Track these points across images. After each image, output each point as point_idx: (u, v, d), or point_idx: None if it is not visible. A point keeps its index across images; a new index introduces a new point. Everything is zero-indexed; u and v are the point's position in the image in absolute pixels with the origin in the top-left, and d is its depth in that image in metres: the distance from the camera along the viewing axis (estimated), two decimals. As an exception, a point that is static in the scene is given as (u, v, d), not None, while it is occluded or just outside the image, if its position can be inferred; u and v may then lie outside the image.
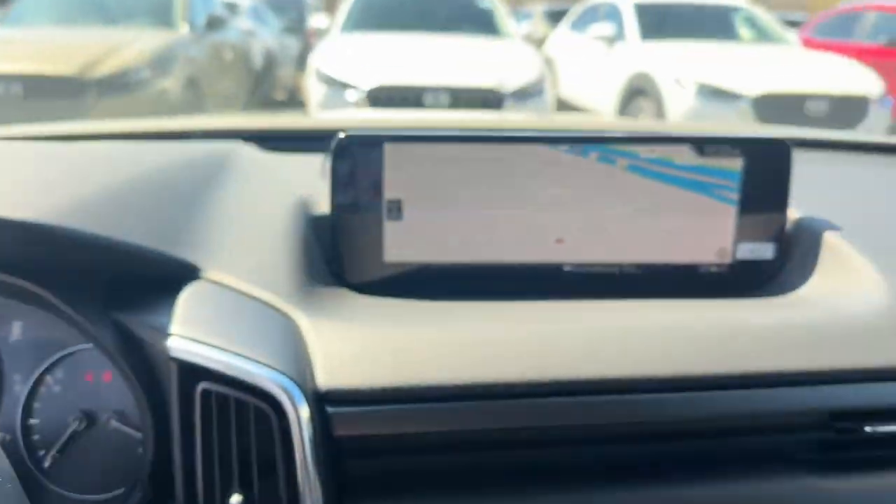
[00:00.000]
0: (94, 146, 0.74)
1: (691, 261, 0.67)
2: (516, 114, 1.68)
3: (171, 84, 4.24)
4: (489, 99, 4.78)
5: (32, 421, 0.56)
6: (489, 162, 0.65)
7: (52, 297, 0.48)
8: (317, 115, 4.66)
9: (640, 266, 0.67)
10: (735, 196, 0.66)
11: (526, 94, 4.85)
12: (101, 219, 0.52)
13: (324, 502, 0.44)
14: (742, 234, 0.66)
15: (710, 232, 0.67)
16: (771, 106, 4.98)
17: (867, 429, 0.51)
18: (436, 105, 4.69)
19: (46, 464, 0.55)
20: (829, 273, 0.62)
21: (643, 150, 0.65)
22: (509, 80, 4.84)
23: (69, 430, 0.54)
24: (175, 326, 0.47)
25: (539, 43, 7.42)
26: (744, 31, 6.35)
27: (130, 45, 4.14)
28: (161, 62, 4.20)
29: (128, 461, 0.53)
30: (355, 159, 0.63)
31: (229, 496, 0.44)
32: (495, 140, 0.64)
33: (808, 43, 7.02)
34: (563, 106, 6.48)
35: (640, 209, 0.66)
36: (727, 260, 0.67)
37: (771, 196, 0.66)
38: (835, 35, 7.16)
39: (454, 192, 0.65)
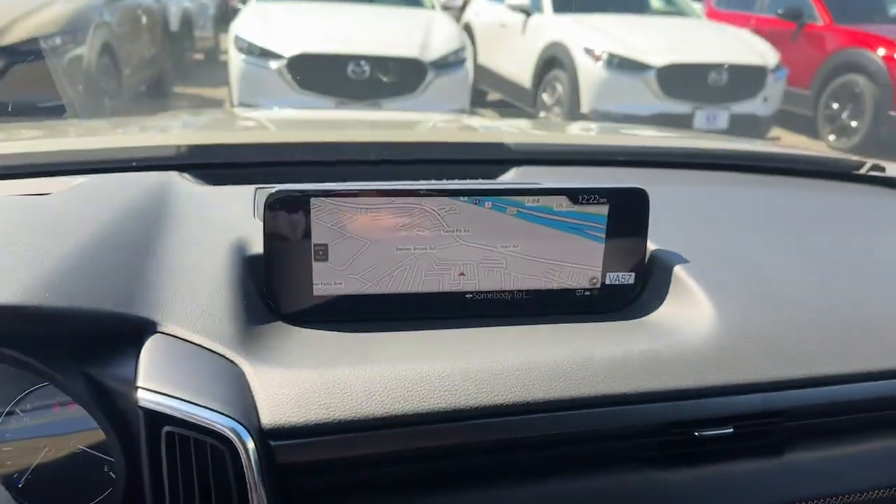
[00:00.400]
0: (30, 201, 0.80)
1: (569, 286, 0.82)
2: (443, 121, 1.77)
3: (85, 51, 4.11)
4: (410, 68, 4.84)
5: (5, 448, 0.65)
6: (401, 209, 0.77)
7: (28, 360, 0.58)
8: (241, 106, 4.59)
9: (527, 292, 0.81)
10: (602, 235, 0.81)
11: (447, 64, 4.94)
12: (61, 291, 0.61)
13: None
14: (608, 266, 0.81)
15: (583, 264, 0.81)
16: (675, 76, 5.23)
17: (696, 433, 0.68)
18: (358, 74, 4.71)
19: (20, 485, 0.65)
20: (675, 301, 0.78)
21: (528, 200, 0.79)
22: (430, 50, 4.90)
23: (41, 455, 0.64)
24: (141, 380, 0.57)
25: (459, 11, 7.47)
26: (655, 3, 6.58)
27: (41, 10, 3.98)
28: (74, 28, 4.05)
29: (98, 482, 0.63)
30: (286, 212, 0.74)
31: (195, 514, 0.56)
32: (408, 193, 0.76)
33: (712, 14, 7.34)
34: (482, 72, 6.58)
35: (526, 247, 0.80)
36: (597, 286, 0.82)
37: (631, 234, 0.81)
38: (735, 7, 7.48)
39: (372, 234, 0.77)
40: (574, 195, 0.79)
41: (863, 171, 1.24)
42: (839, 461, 0.73)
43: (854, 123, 5.98)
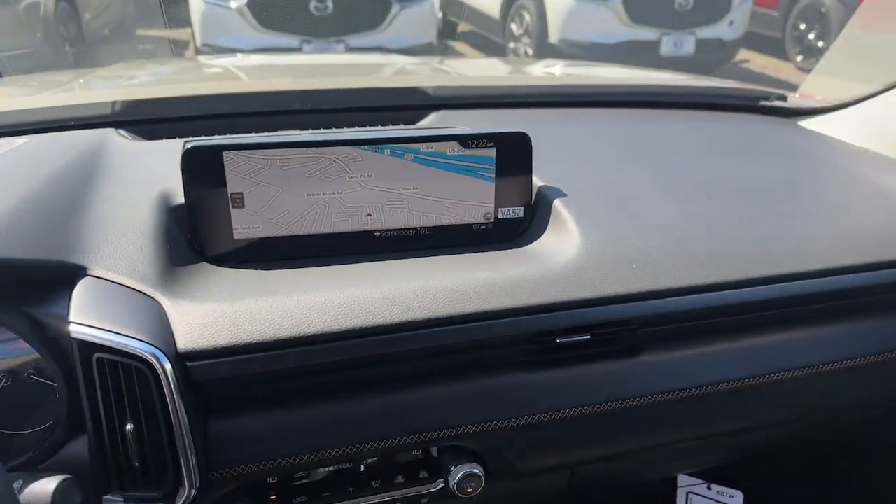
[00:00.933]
0: None
1: (466, 222, 0.91)
2: (406, 63, 1.82)
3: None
4: (374, 2, 4.79)
5: None
6: (309, 159, 0.85)
7: None
8: (204, 47, 4.53)
9: (429, 228, 0.91)
10: (493, 175, 0.90)
11: (413, -5, 4.88)
12: (5, 239, 0.70)
13: (189, 424, 0.67)
14: (500, 202, 0.91)
15: (478, 201, 0.91)
16: (641, 2, 5.21)
17: (558, 340, 0.79)
18: (321, 11, 4.67)
19: None
20: (554, 230, 0.88)
21: (423, 146, 0.88)
22: (393, -17, 4.85)
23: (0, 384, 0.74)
24: (72, 315, 0.67)
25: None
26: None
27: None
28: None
29: (48, 404, 0.74)
30: (202, 163, 0.82)
31: (125, 425, 0.67)
32: (313, 144, 0.85)
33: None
34: (452, 3, 6.50)
35: (425, 188, 0.89)
36: (491, 220, 0.92)
37: (518, 172, 0.90)
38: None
39: (284, 182, 0.85)
40: (464, 140, 0.88)
41: (767, 102, 1.32)
42: (685, 361, 0.85)
43: (821, 44, 6.00)
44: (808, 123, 1.28)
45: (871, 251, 0.89)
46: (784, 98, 1.34)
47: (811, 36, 6.10)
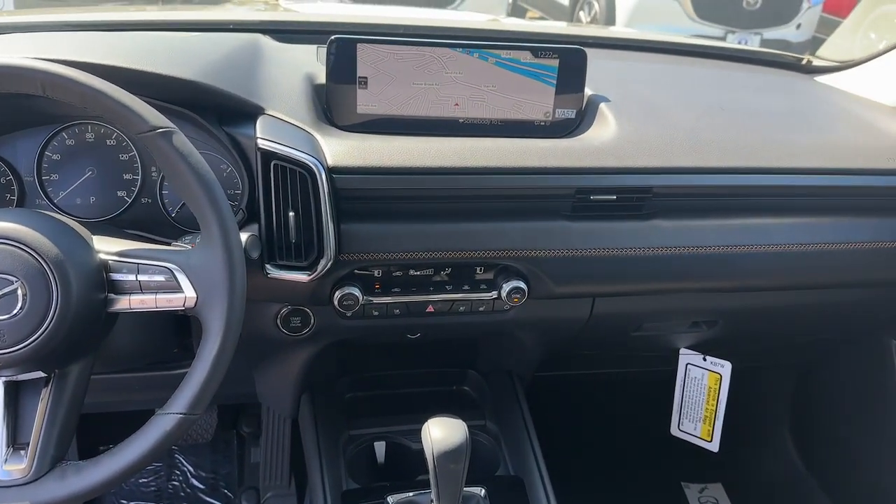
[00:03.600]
0: (181, 35, 1.21)
1: (529, 118, 1.20)
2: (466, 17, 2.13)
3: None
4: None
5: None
6: (418, 55, 1.15)
7: (197, 118, 1.00)
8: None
9: (501, 120, 1.20)
10: (554, 82, 1.18)
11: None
12: (214, 78, 1.02)
13: (331, 217, 0.98)
14: (558, 104, 1.19)
15: (540, 102, 1.20)
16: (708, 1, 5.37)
17: (592, 197, 1.08)
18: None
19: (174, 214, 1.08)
20: (598, 126, 1.16)
21: (503, 53, 1.17)
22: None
23: None
24: (259, 134, 0.99)
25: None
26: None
27: None
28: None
29: (234, 194, 1.05)
30: (341, 50, 1.12)
31: (288, 213, 0.98)
32: (420, 44, 1.15)
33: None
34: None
35: (501, 87, 1.18)
36: (549, 118, 1.20)
37: (574, 81, 1.18)
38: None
39: (398, 71, 1.15)
40: (535, 51, 1.17)
41: (788, 61, 1.58)
42: (691, 228, 1.12)
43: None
44: (821, 79, 1.53)
45: (846, 160, 1.16)
46: (810, 62, 1.59)
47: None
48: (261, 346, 1.18)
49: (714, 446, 1.46)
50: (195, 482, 1.92)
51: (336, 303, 1.05)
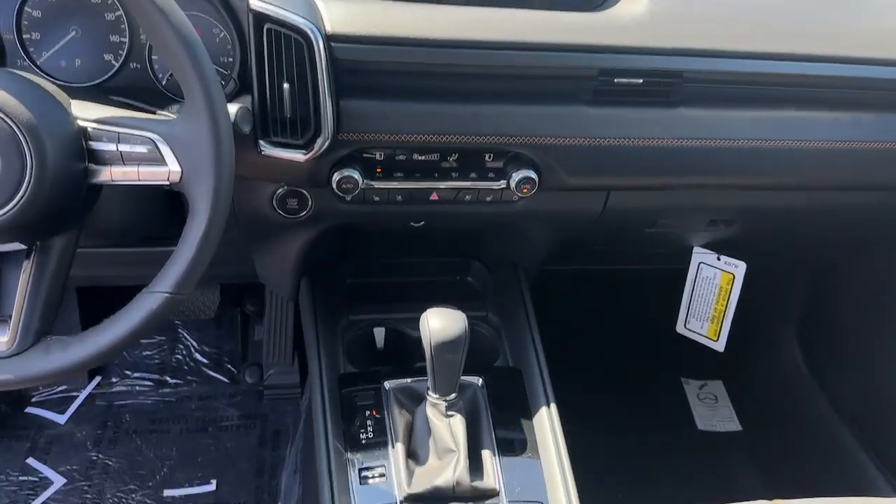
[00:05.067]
0: None
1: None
2: None
3: None
4: None
5: None
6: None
7: None
8: None
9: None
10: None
11: None
12: None
13: (329, 91, 0.90)
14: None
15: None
16: None
17: (615, 80, 0.99)
18: None
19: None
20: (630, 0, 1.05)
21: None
22: None
23: None
24: None
25: None
26: None
27: None
28: None
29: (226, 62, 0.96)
30: None
31: (283, 85, 0.90)
32: None
33: None
34: None
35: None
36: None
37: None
38: None
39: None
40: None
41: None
42: (717, 119, 1.04)
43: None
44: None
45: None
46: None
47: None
48: (257, 227, 1.14)
49: (720, 346, 1.44)
50: (199, 357, 1.94)
51: (334, 185, 0.99)
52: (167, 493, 1.62)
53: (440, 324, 0.93)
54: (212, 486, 1.65)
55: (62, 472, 1.64)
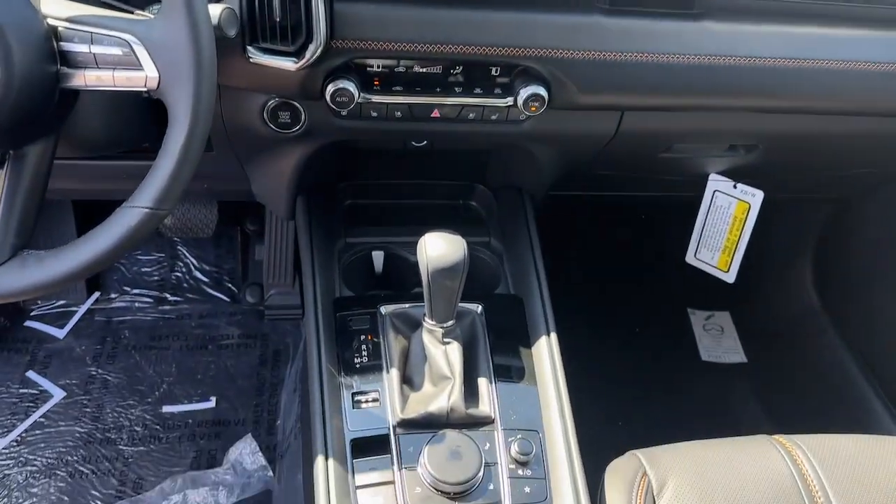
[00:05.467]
0: None
1: None
2: None
3: None
4: None
5: None
6: None
7: None
8: None
9: None
10: None
11: None
12: None
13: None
14: None
15: None
16: None
17: None
18: None
19: None
20: None
21: None
22: None
23: None
24: None
25: None
26: None
27: None
28: None
29: None
30: None
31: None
32: None
33: None
34: None
35: None
36: None
37: None
38: None
39: None
40: None
41: None
42: (743, 34, 0.96)
43: None
44: None
45: None
46: None
47: None
48: (249, 142, 1.08)
49: (730, 277, 1.39)
50: (199, 275, 1.92)
51: (328, 98, 0.93)
52: (166, 409, 1.62)
53: (438, 249, 0.89)
54: (211, 403, 1.65)
55: (61, 385, 1.64)
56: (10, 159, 0.79)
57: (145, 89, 0.75)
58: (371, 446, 0.92)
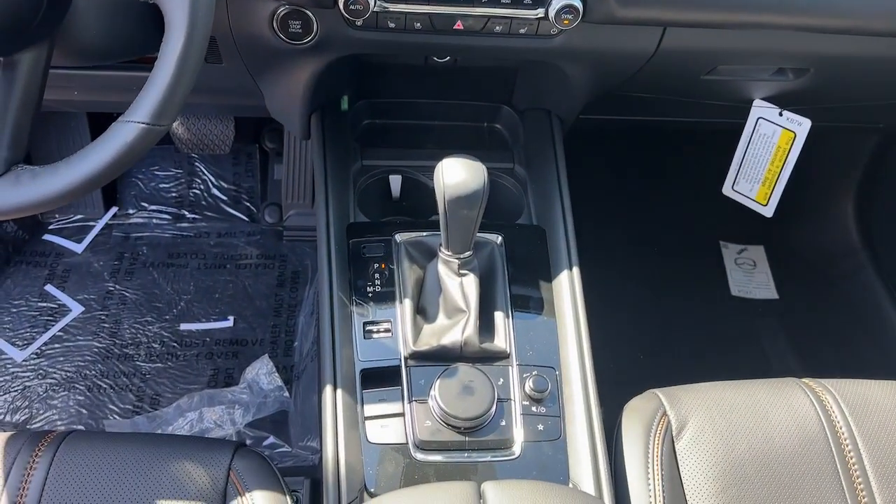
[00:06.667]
0: None
1: None
2: None
3: None
4: None
5: None
6: None
7: None
8: None
9: None
10: None
11: None
12: None
13: None
14: None
15: None
16: None
17: None
18: None
19: None
20: None
21: None
22: None
23: None
24: None
25: None
26: None
27: None
28: None
29: None
30: None
31: None
32: None
33: None
34: None
35: None
36: None
37: None
38: None
39: None
40: None
41: None
42: None
43: None
44: None
45: None
46: None
47: None
48: (259, 54, 1.01)
49: (769, 211, 1.31)
50: (217, 192, 1.88)
51: (341, 5, 0.85)
52: (184, 326, 1.62)
53: (457, 176, 0.83)
54: (229, 322, 1.64)
55: (80, 300, 1.64)
56: (0, 68, 0.74)
57: (137, -9, 0.69)
58: (381, 377, 0.89)
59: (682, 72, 1.09)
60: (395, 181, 1.14)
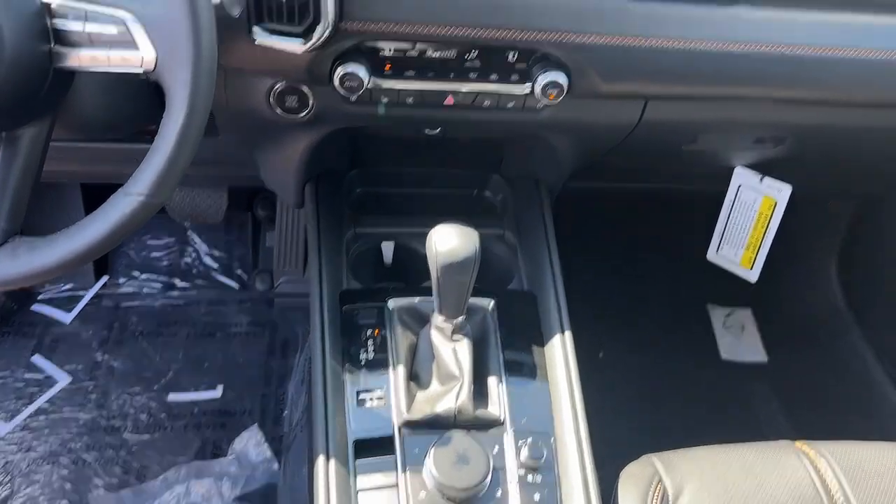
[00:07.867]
0: None
1: None
2: None
3: None
4: None
5: None
6: None
7: None
8: None
9: None
10: None
11: None
12: None
13: None
14: None
15: None
16: None
17: None
18: None
19: None
20: None
21: None
22: None
23: None
24: None
25: None
26: None
27: None
28: None
29: None
30: None
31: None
32: None
33: None
34: None
35: None
36: None
37: None
38: None
39: None
40: None
41: None
42: (779, 21, 0.90)
43: None
44: None
45: None
46: None
47: None
48: (255, 127, 1.04)
49: (753, 276, 1.34)
50: (208, 261, 1.89)
51: (337, 83, 0.89)
52: (172, 397, 1.60)
53: (449, 243, 0.84)
54: (217, 393, 1.62)
55: (67, 370, 1.62)
56: (3, 141, 0.76)
57: (141, 70, 0.71)
58: (375, 447, 0.88)
59: (665, 142, 1.13)
60: (388, 248, 1.15)
